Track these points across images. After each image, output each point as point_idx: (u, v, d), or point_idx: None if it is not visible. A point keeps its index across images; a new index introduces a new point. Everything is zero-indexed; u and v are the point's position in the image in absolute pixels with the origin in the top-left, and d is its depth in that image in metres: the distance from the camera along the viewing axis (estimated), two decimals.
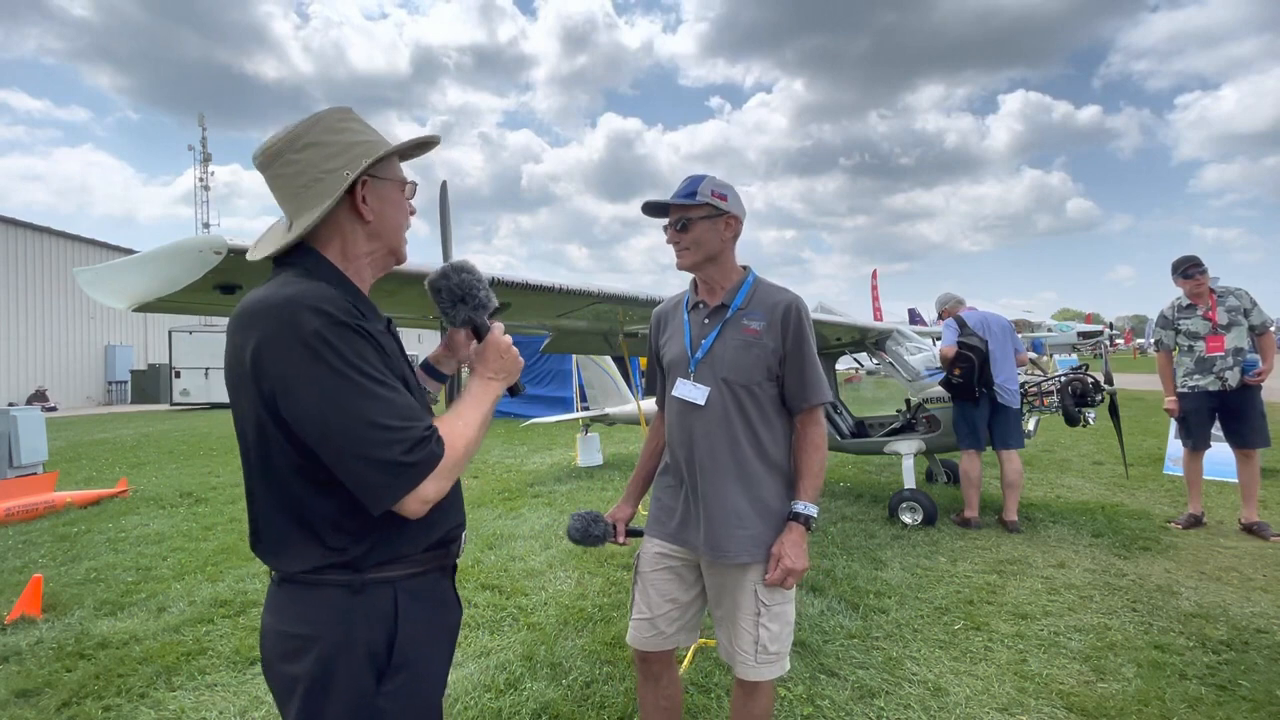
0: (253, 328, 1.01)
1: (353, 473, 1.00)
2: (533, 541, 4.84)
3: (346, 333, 1.01)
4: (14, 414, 7.34)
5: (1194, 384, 4.74)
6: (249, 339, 1.01)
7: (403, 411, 1.03)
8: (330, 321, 1.00)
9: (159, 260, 1.69)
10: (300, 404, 0.99)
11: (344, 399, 0.99)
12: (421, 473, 1.02)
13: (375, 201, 1.16)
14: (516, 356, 1.25)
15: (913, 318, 25.32)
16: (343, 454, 0.99)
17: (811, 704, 2.56)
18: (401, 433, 1.01)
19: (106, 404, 25.13)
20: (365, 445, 0.99)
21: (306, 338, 0.98)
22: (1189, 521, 4.76)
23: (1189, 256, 4.76)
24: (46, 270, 23.83)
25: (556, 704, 2.58)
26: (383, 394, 1.02)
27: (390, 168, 1.20)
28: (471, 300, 1.22)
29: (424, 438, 1.03)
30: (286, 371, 0.99)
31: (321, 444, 1.00)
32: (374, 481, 1.00)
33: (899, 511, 5.04)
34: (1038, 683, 2.66)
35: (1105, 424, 5.37)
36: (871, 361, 7.33)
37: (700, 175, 1.80)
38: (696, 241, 1.78)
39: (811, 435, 1.78)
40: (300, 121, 1.13)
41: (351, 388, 0.99)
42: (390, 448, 0.99)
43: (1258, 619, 3.20)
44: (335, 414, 0.98)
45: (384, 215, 1.18)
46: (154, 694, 2.76)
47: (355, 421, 0.98)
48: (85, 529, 5.48)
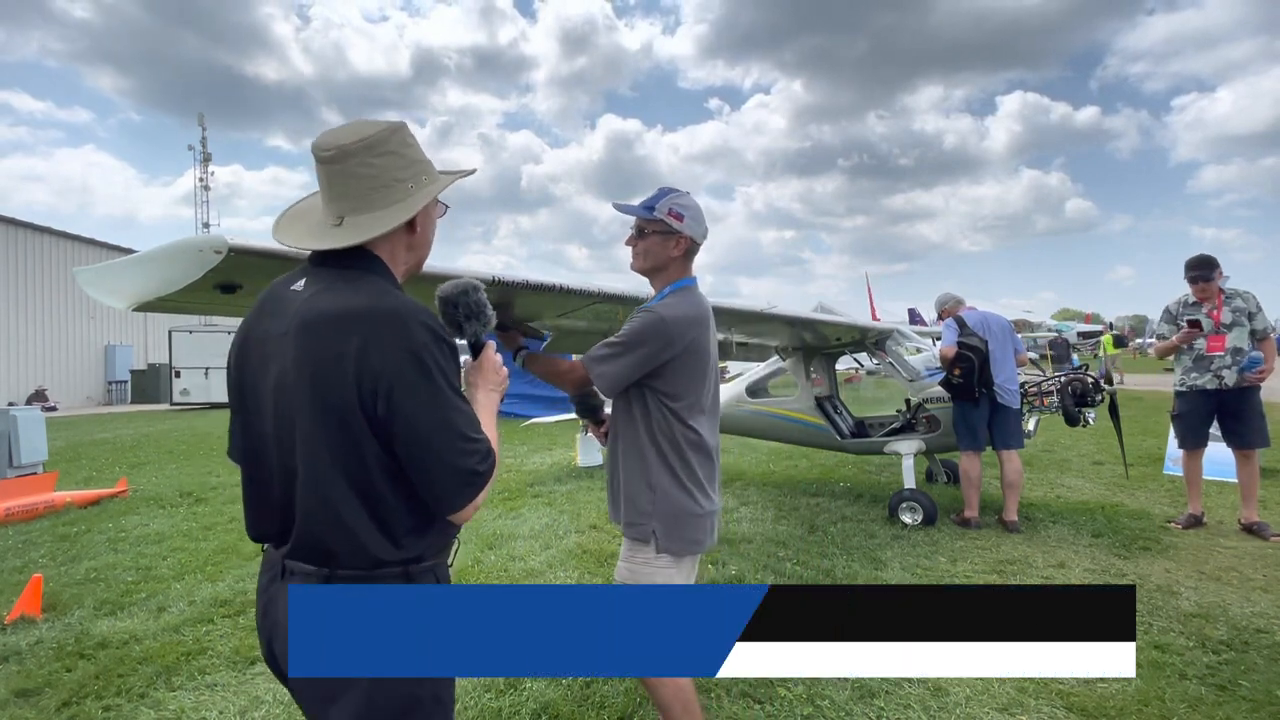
0: (356, 331, 1.07)
1: (434, 478, 1.09)
2: (533, 541, 4.84)
3: (445, 347, 1.12)
4: (14, 414, 7.34)
5: (1192, 382, 4.75)
6: (350, 340, 1.06)
7: (475, 424, 1.14)
8: (435, 335, 1.11)
9: (159, 260, 1.69)
10: (400, 409, 1.06)
11: (440, 410, 1.08)
12: (486, 480, 1.13)
13: (423, 218, 1.25)
14: (506, 373, 1.38)
15: (913, 318, 25.32)
16: (428, 460, 1.08)
17: (811, 704, 2.56)
18: (477, 444, 1.12)
19: (106, 404, 25.11)
20: (452, 454, 1.08)
21: (417, 349, 1.08)
22: (1189, 521, 4.76)
23: (1202, 259, 4.70)
24: (46, 270, 23.82)
25: (556, 704, 2.59)
26: (464, 407, 1.13)
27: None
28: (483, 319, 1.31)
29: (490, 449, 1.14)
30: (394, 377, 1.06)
31: (410, 447, 1.07)
32: (452, 487, 1.10)
33: (899, 511, 5.04)
34: (1038, 682, 2.66)
35: (1105, 424, 5.36)
36: (871, 361, 7.33)
37: (668, 190, 1.94)
38: (646, 251, 1.96)
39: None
40: (376, 127, 1.19)
41: (446, 400, 1.09)
42: (471, 457, 1.10)
43: (1258, 619, 3.20)
44: (431, 423, 1.07)
45: (426, 232, 1.29)
46: (154, 694, 2.76)
47: (447, 431, 1.08)
48: (85, 529, 5.48)
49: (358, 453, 1.08)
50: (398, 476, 1.10)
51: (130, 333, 26.78)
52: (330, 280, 1.15)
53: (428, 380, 1.07)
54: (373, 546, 1.10)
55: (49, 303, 23.81)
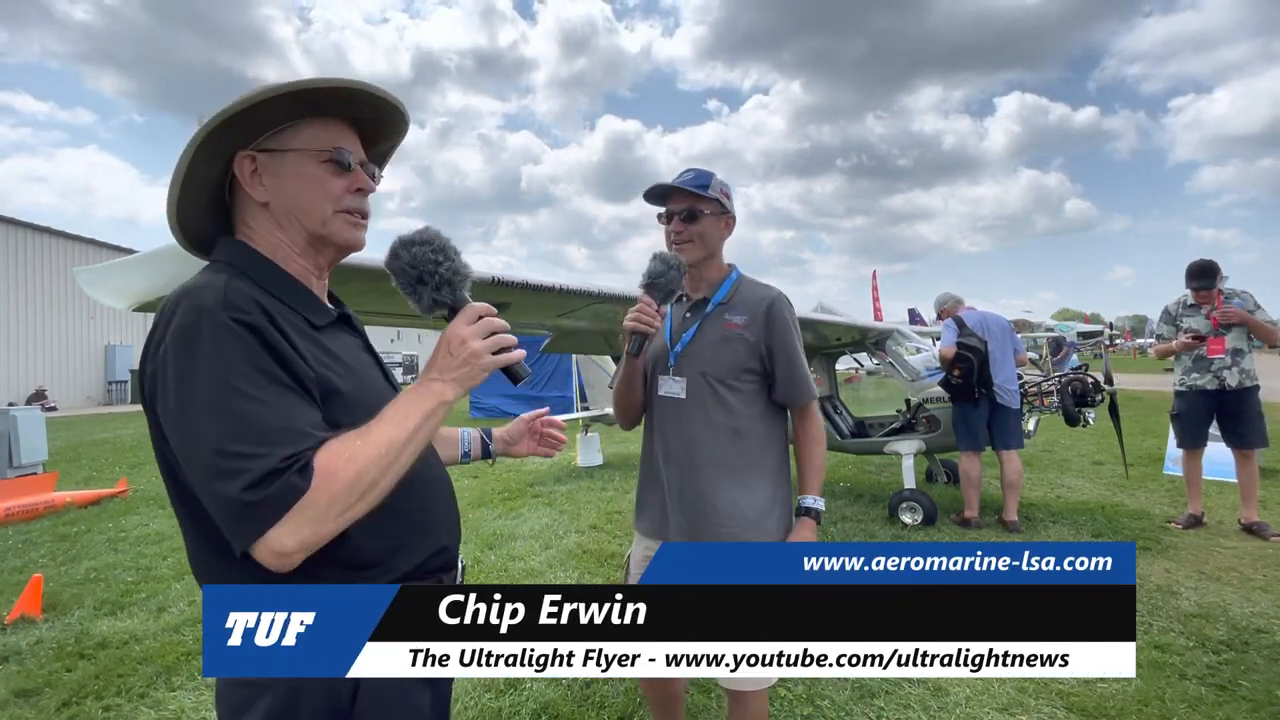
0: (153, 330, 0.89)
1: (208, 505, 0.83)
2: (533, 541, 4.84)
3: (218, 329, 0.83)
4: (14, 414, 7.34)
5: (1192, 383, 4.75)
6: (151, 340, 0.89)
7: (260, 432, 0.80)
8: (202, 314, 0.83)
9: (159, 260, 1.69)
10: (161, 422, 0.87)
11: (189, 414, 0.82)
12: (267, 514, 0.79)
13: (271, 179, 0.96)
14: (478, 351, 0.93)
15: (913, 318, 25.31)
16: (194, 483, 0.84)
17: (811, 704, 2.56)
18: (249, 461, 0.79)
19: (106, 404, 25.11)
20: (204, 475, 0.81)
21: (175, 335, 0.83)
22: (1189, 521, 4.76)
23: (1203, 268, 4.68)
24: (47, 270, 23.82)
25: (556, 704, 2.59)
26: (242, 409, 0.81)
27: (295, 137, 0.97)
28: (431, 280, 0.94)
29: (276, 469, 0.79)
30: (153, 376, 0.87)
31: (182, 466, 0.86)
32: (221, 519, 0.82)
33: (899, 511, 5.03)
34: (1038, 683, 2.66)
35: (1105, 424, 5.37)
36: (871, 361, 7.33)
37: (707, 170, 1.76)
38: (702, 235, 1.74)
39: (810, 430, 1.77)
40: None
41: (200, 399, 0.81)
42: (229, 480, 0.78)
43: (1258, 619, 3.20)
44: (181, 432, 0.83)
45: (285, 194, 0.97)
46: (154, 694, 2.76)
47: (195, 443, 0.81)
48: (85, 529, 5.48)
49: (177, 477, 0.90)
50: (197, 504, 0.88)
51: (130, 333, 26.78)
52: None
53: (177, 375, 0.82)
54: (224, 579, 0.90)
55: (49, 303, 23.81)
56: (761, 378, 1.75)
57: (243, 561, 0.84)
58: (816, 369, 6.23)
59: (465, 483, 7.27)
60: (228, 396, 0.81)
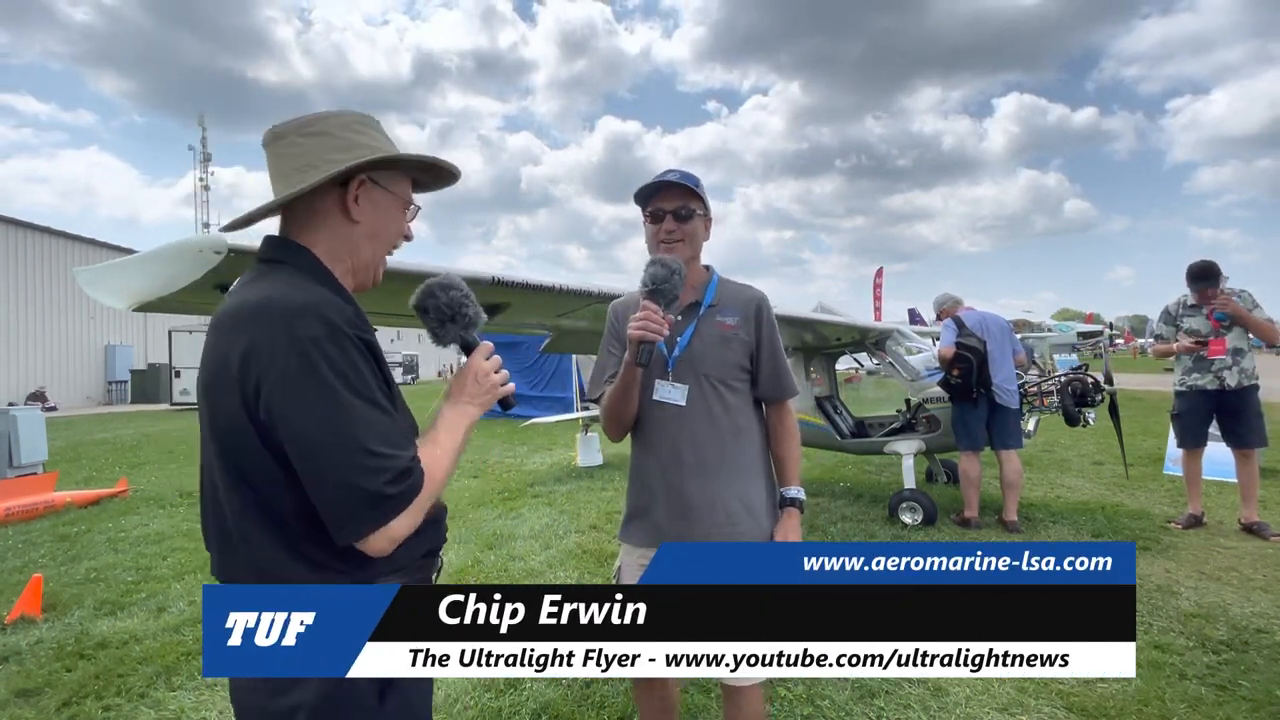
0: (243, 330, 0.95)
1: (325, 497, 0.92)
2: (533, 541, 4.84)
3: (347, 343, 0.95)
4: (14, 414, 7.33)
5: (1192, 382, 4.75)
6: (240, 338, 0.94)
7: (393, 437, 0.96)
8: (332, 329, 0.94)
9: (159, 260, 1.69)
10: (282, 415, 0.92)
11: (333, 416, 0.92)
12: (399, 506, 0.94)
13: (368, 204, 1.10)
14: (496, 383, 1.17)
15: (912, 318, 25.31)
16: (318, 476, 0.92)
17: (811, 704, 2.56)
18: (386, 460, 0.93)
19: (106, 404, 25.11)
20: (347, 470, 0.91)
21: (304, 344, 0.92)
22: (1189, 521, 4.76)
23: (1204, 269, 4.67)
24: (47, 270, 23.82)
25: (556, 704, 2.59)
26: (375, 416, 0.95)
27: (396, 181, 1.14)
28: (461, 319, 1.15)
29: (408, 468, 0.96)
30: (277, 377, 0.92)
31: (299, 460, 0.92)
32: (346, 510, 0.92)
33: (899, 511, 5.04)
34: (1038, 683, 2.66)
35: (1105, 424, 5.37)
36: (871, 361, 7.33)
37: (676, 170, 1.74)
38: (693, 235, 1.73)
39: (789, 424, 1.83)
40: (320, 111, 1.10)
41: (341, 403, 0.92)
42: (373, 475, 0.92)
43: (1258, 619, 3.20)
44: (320, 431, 0.91)
45: (373, 223, 1.11)
46: (154, 694, 2.76)
47: (340, 441, 0.92)
48: (85, 529, 5.48)
49: (254, 469, 0.96)
50: (304, 496, 0.95)
51: (130, 333, 26.78)
52: (253, 275, 1.06)
53: (315, 380, 0.92)
54: (289, 575, 0.98)
55: (49, 303, 23.81)
56: (749, 375, 1.78)
57: (306, 555, 0.97)
58: (817, 369, 6.23)
59: (465, 483, 7.27)
60: (368, 405, 0.95)
